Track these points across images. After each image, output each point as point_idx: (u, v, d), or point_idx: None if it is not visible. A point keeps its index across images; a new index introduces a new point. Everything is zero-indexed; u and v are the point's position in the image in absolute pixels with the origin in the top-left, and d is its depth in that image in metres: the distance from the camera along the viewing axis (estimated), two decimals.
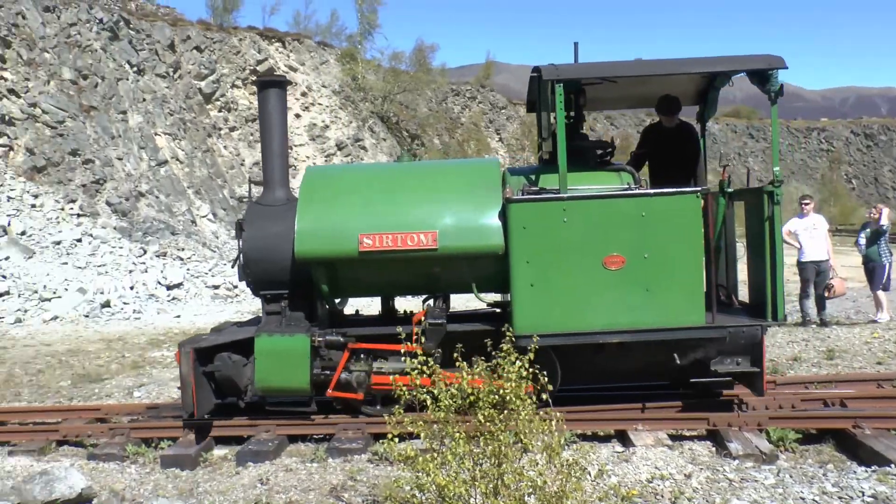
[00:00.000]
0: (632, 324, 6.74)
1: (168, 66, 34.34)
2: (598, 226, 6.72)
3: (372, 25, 48.12)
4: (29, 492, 5.33)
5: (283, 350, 7.17)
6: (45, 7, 30.17)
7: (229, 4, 41.63)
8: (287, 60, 40.27)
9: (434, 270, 7.32)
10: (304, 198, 7.36)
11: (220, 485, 6.22)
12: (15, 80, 27.73)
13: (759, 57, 6.98)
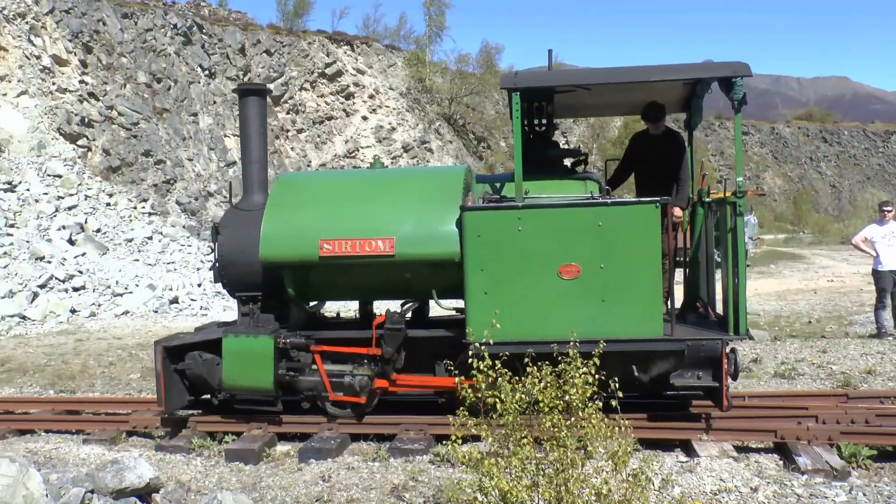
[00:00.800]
0: (587, 334, 6.34)
1: (238, 70, 35.03)
2: (554, 235, 6.67)
3: (440, 28, 48.33)
4: (101, 479, 5.48)
5: (249, 351, 7.33)
6: (124, 14, 31.14)
7: (299, 9, 42.28)
8: (355, 63, 40.68)
9: (393, 276, 7.39)
10: (272, 203, 7.52)
11: (282, 480, 6.29)
12: (94, 83, 28.67)
13: (725, 64, 6.92)
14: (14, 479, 5.25)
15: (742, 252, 6.64)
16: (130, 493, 5.47)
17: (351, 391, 7.35)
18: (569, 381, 4.61)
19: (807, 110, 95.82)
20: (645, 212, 6.55)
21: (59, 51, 28.65)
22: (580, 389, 4.53)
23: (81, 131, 27.48)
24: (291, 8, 42.34)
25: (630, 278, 6.58)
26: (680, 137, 8.03)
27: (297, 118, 37.17)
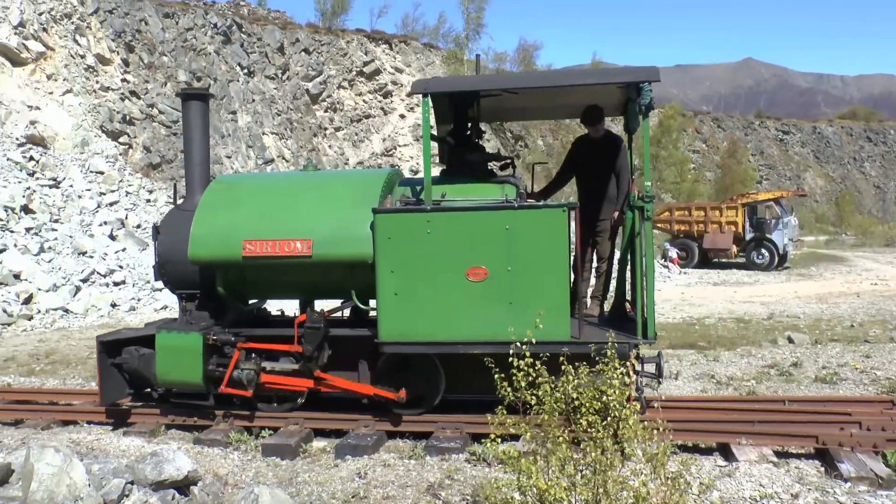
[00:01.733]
0: (494, 336, 6.59)
1: (277, 68, 35.32)
2: (462, 238, 6.75)
3: (477, 25, 48.24)
4: (141, 471, 5.56)
5: (179, 346, 7.55)
6: (165, 14, 31.59)
7: (338, 8, 42.51)
8: (393, 62, 40.82)
9: (312, 277, 7.60)
10: (203, 205, 7.77)
11: (318, 476, 6.33)
12: (136, 82, 29.09)
13: (633, 69, 7.00)
14: (59, 468, 5.35)
15: (650, 256, 6.64)
16: (169, 486, 5.54)
17: (239, 385, 7.51)
18: (606, 381, 4.59)
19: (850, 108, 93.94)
20: (552, 216, 6.62)
21: (102, 50, 29.11)
22: (617, 390, 4.51)
23: (123, 129, 27.91)
24: (330, 7, 42.63)
25: (537, 281, 6.64)
26: (620, 140, 8.05)
27: (335, 116, 37.39)
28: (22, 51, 27.32)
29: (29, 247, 20.05)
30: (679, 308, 18.18)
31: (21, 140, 24.90)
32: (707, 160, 63.58)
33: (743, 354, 11.29)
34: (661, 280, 25.91)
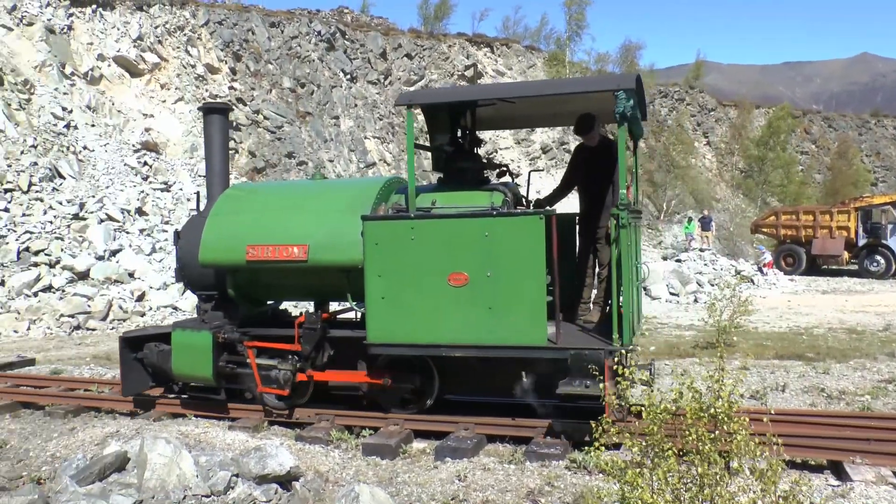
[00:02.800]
0: (475, 340, 6.90)
1: (379, 74, 35.85)
2: (444, 244, 6.96)
3: (579, 26, 47.67)
4: (245, 465, 5.72)
5: (192, 343, 8.13)
6: (271, 23, 32.52)
7: (440, 12, 42.82)
8: (495, 65, 40.86)
9: (309, 280, 8.08)
10: (213, 212, 8.36)
11: (418, 477, 6.36)
12: (242, 89, 30.04)
13: (608, 77, 7.25)
14: (170, 459, 5.56)
15: (626, 263, 6.66)
16: (272, 480, 5.68)
17: (277, 384, 7.96)
18: (714, 392, 4.43)
19: None
20: (530, 223, 6.73)
21: (211, 60, 30.18)
22: (726, 402, 4.34)
23: (230, 134, 28.83)
24: (432, 12, 42.98)
25: (515, 287, 6.77)
26: (615, 146, 7.84)
27: None
28: (139, 62, 28.64)
29: (142, 247, 20.96)
30: (785, 317, 17.50)
31: (136, 146, 26.08)
32: (816, 162, 61.14)
33: (856, 367, 10.69)
34: (766, 287, 25.04)
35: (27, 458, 7.14)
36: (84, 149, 24.54)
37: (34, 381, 10.34)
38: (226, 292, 8.39)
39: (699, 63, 63.56)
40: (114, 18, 29.00)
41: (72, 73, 26.61)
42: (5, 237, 19.11)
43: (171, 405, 8.66)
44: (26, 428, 8.25)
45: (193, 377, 8.34)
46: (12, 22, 25.99)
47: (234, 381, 8.31)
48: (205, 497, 5.43)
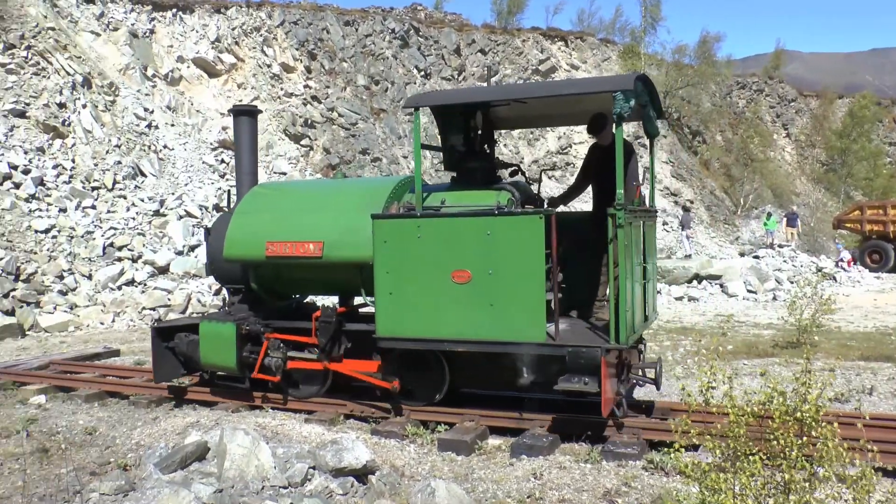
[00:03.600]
0: (476, 335, 7.09)
1: (453, 70, 35.89)
2: (448, 242, 7.16)
3: (655, 18, 46.86)
4: (322, 457, 5.78)
5: (217, 334, 8.51)
6: (346, 21, 32.90)
7: (513, 7, 42.59)
8: (569, 59, 40.51)
9: (324, 275, 8.40)
10: (238, 211, 8.80)
11: (493, 473, 6.33)
12: (317, 87, 30.46)
13: (607, 79, 7.59)
14: (248, 450, 5.65)
15: (623, 263, 6.64)
16: (348, 473, 5.72)
17: (268, 371, 8.35)
18: (800, 394, 4.25)
19: None
20: (529, 222, 6.85)
21: (287, 59, 30.67)
22: (814, 406, 4.16)
23: (304, 132, 29.30)
24: (506, 7, 42.78)
25: (515, 285, 6.90)
26: (629, 146, 7.89)
27: None
28: (217, 63, 29.32)
29: None
30: (871, 316, 16.84)
31: (214, 145, 26.71)
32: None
33: None
34: (849, 285, 24.17)
35: (114, 444, 7.38)
36: (164, 148, 25.25)
37: (119, 372, 10.72)
38: (250, 286, 8.79)
39: (779, 52, 61.72)
40: (193, 21, 29.76)
41: (153, 75, 27.42)
42: (92, 233, 19.78)
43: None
44: (113, 416, 8.53)
45: (219, 366, 8.73)
46: (100, 28, 26.94)
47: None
48: (282, 488, 5.50)
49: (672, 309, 18.69)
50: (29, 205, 19.58)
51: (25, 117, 22.39)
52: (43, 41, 24.40)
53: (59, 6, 26.35)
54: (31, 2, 25.20)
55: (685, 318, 16.87)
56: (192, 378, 9.68)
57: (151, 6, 28.81)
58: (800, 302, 12.43)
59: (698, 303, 19.96)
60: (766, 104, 54.90)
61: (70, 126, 23.15)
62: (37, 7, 25.18)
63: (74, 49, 25.29)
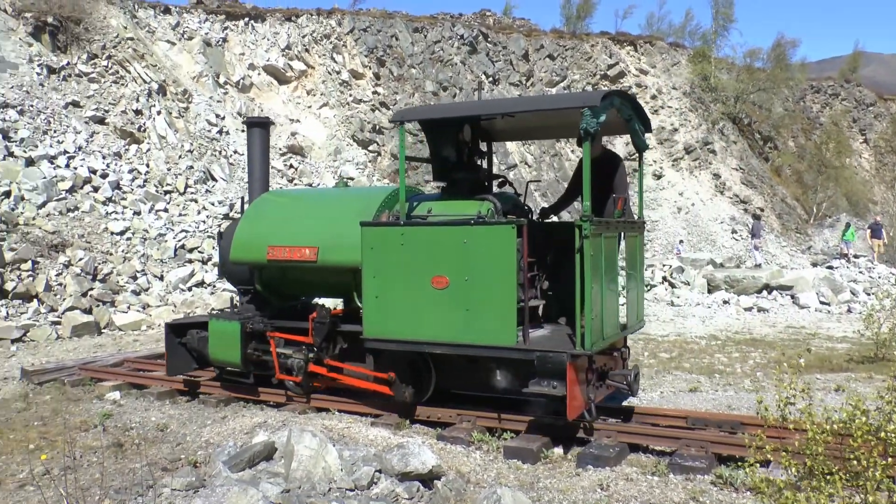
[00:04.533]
0: (453, 338, 7.41)
1: (521, 75, 35.82)
2: (428, 250, 7.52)
3: (727, 21, 45.95)
4: (388, 461, 5.79)
5: (224, 332, 9.07)
6: (415, 28, 33.15)
7: (582, 12, 42.29)
8: (638, 64, 40.04)
9: (319, 278, 8.91)
10: (245, 217, 9.42)
11: (559, 483, 6.26)
12: (386, 94, 30.73)
13: (576, 96, 8.19)
14: (315, 451, 5.70)
15: (589, 272, 6.80)
16: (414, 478, 5.72)
17: (290, 371, 8.73)
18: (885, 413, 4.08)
19: None
20: (502, 232, 7.16)
21: (356, 66, 31.03)
22: None
23: (372, 137, 29.58)
24: (575, 11, 42.52)
25: (489, 291, 7.19)
26: (618, 159, 8.41)
27: None
28: (287, 70, 29.83)
29: None
30: None
31: (283, 150, 27.14)
32: None
33: None
34: None
35: (184, 441, 7.54)
36: (234, 153, 25.77)
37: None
38: (256, 287, 9.35)
39: (856, 54, 59.77)
40: (264, 29, 30.33)
41: (225, 82, 28.04)
42: (164, 235, 20.28)
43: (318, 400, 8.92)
44: (183, 414, 8.72)
45: (225, 362, 9.23)
46: (175, 37, 27.71)
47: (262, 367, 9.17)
48: (349, 490, 5.53)
49: (740, 320, 18.27)
50: (106, 207, 20.21)
51: (104, 124, 23.14)
52: (122, 51, 25.21)
53: (138, 17, 27.20)
54: (113, 13, 26.08)
55: (754, 329, 16.47)
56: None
57: (225, 15, 29.47)
58: (877, 315, 12.02)
59: (768, 314, 19.45)
60: (842, 109, 53.17)
61: (145, 132, 23.84)
62: (118, 18, 26.04)
63: (151, 58, 26.04)
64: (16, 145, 20.20)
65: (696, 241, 34.29)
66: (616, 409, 8.28)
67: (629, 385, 7.87)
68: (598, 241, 7.00)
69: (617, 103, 7.56)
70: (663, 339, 14.89)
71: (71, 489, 5.51)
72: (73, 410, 8.88)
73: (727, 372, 11.30)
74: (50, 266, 16.79)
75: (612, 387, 7.99)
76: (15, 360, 12.63)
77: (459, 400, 8.39)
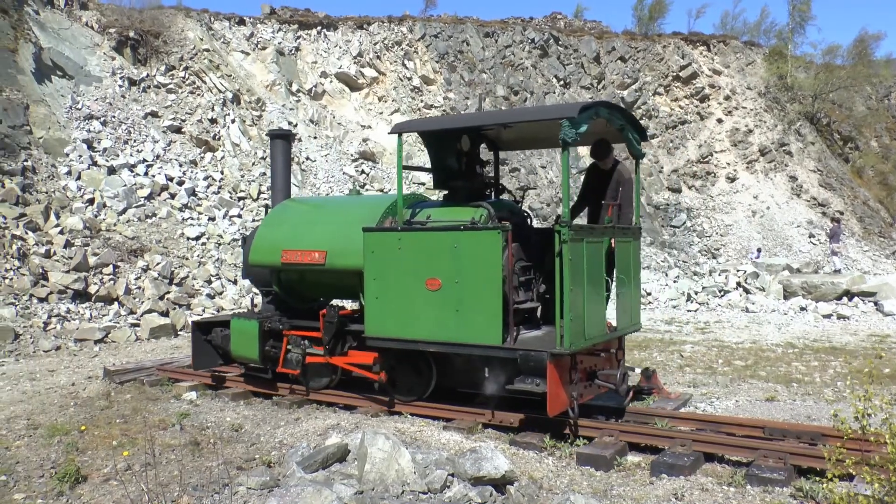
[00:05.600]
0: (445, 337, 7.87)
1: (592, 78, 35.51)
2: (423, 254, 8.01)
3: (805, 17, 44.61)
4: (461, 465, 5.79)
5: (243, 330, 9.73)
6: (486, 33, 33.19)
7: (655, 12, 41.66)
8: (711, 64, 39.25)
9: (328, 280, 9.48)
10: (263, 223, 10.15)
11: (633, 491, 6.17)
12: (456, 99, 30.80)
13: (556, 108, 8.95)
14: (389, 454, 5.73)
15: (567, 274, 7.10)
16: (487, 482, 5.71)
17: (289, 365, 9.42)
18: None
19: None
20: (488, 237, 7.59)
21: (427, 71, 31.19)
22: None
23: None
24: (647, 12, 41.92)
25: (477, 292, 7.62)
26: (623, 171, 8.82)
27: (650, 124, 36.70)
28: (359, 77, 30.18)
29: None
30: None
31: (354, 156, 27.47)
32: None
33: None
34: None
35: (258, 442, 7.67)
36: (307, 159, 26.18)
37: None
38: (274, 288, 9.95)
39: None
40: (336, 38, 30.76)
41: (297, 90, 28.51)
42: (238, 240, 20.68)
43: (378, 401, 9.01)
44: (258, 415, 8.87)
45: (245, 358, 9.80)
46: (249, 47, 28.34)
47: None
48: (422, 493, 5.54)
49: (819, 327, 17.70)
50: (182, 214, 20.75)
51: (181, 133, 23.79)
52: (198, 62, 25.90)
53: (213, 29, 27.89)
54: (190, 26, 26.82)
55: (834, 337, 15.93)
56: None
57: (297, 25, 29.99)
58: None
59: (849, 321, 18.78)
60: None
61: (220, 140, 24.42)
62: (195, 31, 26.77)
63: (226, 68, 26.67)
64: (99, 155, 20.94)
65: (772, 246, 33.38)
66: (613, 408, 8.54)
67: (616, 386, 8.03)
68: (578, 246, 7.31)
69: (604, 114, 7.96)
70: (738, 346, 14.55)
71: (151, 485, 5.66)
72: (151, 409, 9.14)
73: (805, 381, 10.97)
74: (129, 270, 17.32)
75: (603, 387, 8.21)
76: (98, 360, 13.06)
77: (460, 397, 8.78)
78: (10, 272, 15.37)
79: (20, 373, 11.83)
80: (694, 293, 23.08)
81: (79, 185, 19.60)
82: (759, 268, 25.16)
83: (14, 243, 16.05)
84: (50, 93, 21.60)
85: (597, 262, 7.80)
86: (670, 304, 22.65)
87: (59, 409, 9.15)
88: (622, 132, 8.44)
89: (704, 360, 12.80)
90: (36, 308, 14.98)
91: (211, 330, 10.58)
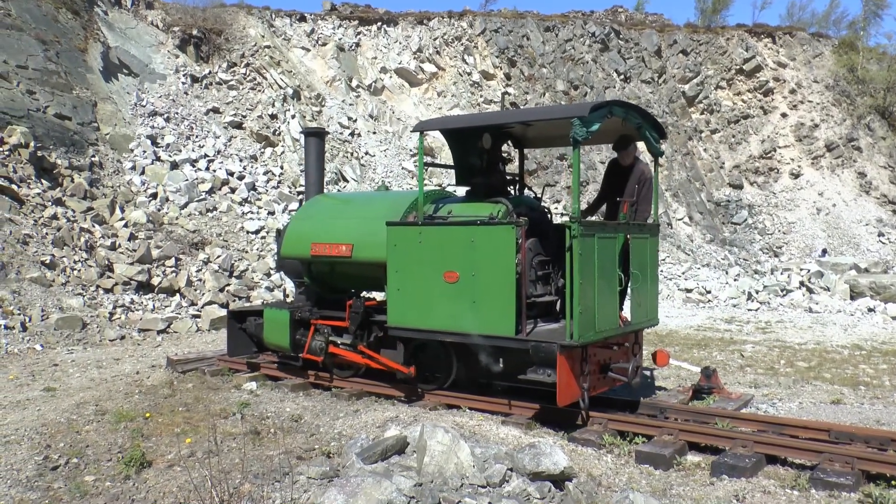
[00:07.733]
0: (461, 328, 8.12)
1: (653, 72, 35.03)
2: (442, 248, 8.29)
3: (879, 6, 43.19)
4: (520, 460, 5.76)
5: (276, 319, 10.12)
6: (546, 28, 33.02)
7: (718, 4, 40.93)
8: (776, 56, 38.33)
9: (355, 272, 9.84)
10: (297, 215, 10.65)
11: (693, 491, 6.09)
12: (516, 94, 30.73)
13: (568, 107, 9.09)
14: (448, 447, 5.73)
15: (577, 269, 7.31)
16: (545, 478, 5.67)
17: (313, 352, 9.80)
18: None
19: None
20: (503, 231, 7.82)
21: (487, 66, 31.15)
22: None
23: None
24: (710, 4, 41.20)
25: (491, 285, 7.85)
26: (645, 168, 8.95)
27: (712, 118, 36.07)
28: (418, 73, 30.29)
29: None
30: None
31: (413, 151, 27.53)
32: None
33: None
34: None
35: (318, 432, 7.76)
36: (366, 154, 26.38)
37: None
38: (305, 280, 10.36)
39: None
40: (396, 33, 30.91)
41: (357, 85, 28.73)
42: None
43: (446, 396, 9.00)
44: (317, 406, 8.96)
45: (277, 346, 10.20)
46: (310, 43, 28.67)
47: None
48: (481, 487, 5.53)
49: (888, 329, 17.15)
50: (242, 208, 21.09)
51: (242, 128, 24.19)
52: (259, 58, 26.30)
53: (275, 26, 28.29)
54: (251, 23, 27.25)
55: None
56: None
57: (358, 21, 30.23)
58: None
59: None
60: None
61: (280, 135, 24.76)
62: (256, 28, 27.19)
63: (286, 64, 27.01)
64: (162, 150, 21.45)
65: (838, 245, 32.51)
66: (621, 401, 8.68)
67: (628, 378, 8.19)
68: (589, 241, 7.50)
69: (619, 113, 8.11)
70: (801, 346, 14.20)
71: (214, 472, 5.75)
72: (213, 398, 9.32)
73: (874, 384, 10.67)
74: (191, 263, 17.67)
75: (617, 380, 8.37)
76: (160, 350, 13.36)
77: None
78: (79, 264, 15.83)
79: (88, 360, 12.17)
80: (755, 292, 22.61)
81: (142, 179, 20.11)
82: (824, 267, 24.54)
83: (82, 236, 16.54)
84: (116, 90, 22.16)
85: (609, 258, 7.97)
86: (730, 302, 22.23)
87: (125, 397, 9.39)
88: (639, 130, 8.60)
89: (766, 361, 12.53)
90: (102, 298, 15.39)
91: (245, 319, 11.09)
